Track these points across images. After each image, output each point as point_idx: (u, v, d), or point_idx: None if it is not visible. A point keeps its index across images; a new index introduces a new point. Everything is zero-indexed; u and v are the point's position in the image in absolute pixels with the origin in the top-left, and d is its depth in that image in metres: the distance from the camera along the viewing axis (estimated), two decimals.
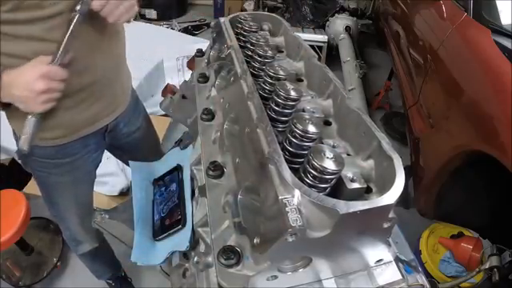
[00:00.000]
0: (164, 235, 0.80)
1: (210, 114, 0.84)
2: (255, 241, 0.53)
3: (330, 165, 0.51)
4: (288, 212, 0.47)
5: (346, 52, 3.40)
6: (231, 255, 0.55)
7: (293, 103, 0.67)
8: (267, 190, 0.53)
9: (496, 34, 1.47)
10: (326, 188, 0.54)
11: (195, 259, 0.71)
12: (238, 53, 0.84)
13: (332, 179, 0.53)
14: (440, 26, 1.90)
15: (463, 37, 1.66)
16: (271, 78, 0.73)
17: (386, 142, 0.57)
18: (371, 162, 0.60)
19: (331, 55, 3.76)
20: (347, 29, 3.69)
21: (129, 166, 1.00)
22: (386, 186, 0.53)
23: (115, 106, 1.13)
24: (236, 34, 0.96)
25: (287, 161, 0.53)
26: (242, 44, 0.93)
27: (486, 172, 1.48)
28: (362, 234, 0.53)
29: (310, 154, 0.53)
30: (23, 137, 0.88)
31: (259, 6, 4.67)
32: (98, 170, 1.25)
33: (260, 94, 0.70)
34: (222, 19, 1.02)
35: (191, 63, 1.18)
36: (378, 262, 0.60)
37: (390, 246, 0.59)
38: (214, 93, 0.91)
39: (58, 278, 1.97)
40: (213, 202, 0.67)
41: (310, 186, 0.51)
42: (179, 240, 0.75)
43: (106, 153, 1.29)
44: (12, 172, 2.10)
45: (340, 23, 3.76)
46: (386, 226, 0.52)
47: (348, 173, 0.56)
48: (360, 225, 0.50)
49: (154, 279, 1.89)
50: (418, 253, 1.91)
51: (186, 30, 4.53)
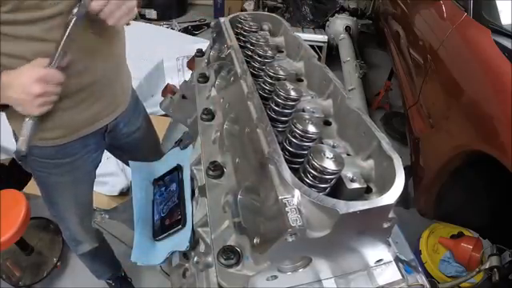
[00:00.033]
0: (164, 235, 0.80)
1: (209, 114, 0.84)
2: (255, 241, 0.53)
3: (329, 165, 0.51)
4: (288, 212, 0.47)
5: (346, 52, 3.40)
6: (231, 255, 0.55)
7: (293, 103, 0.67)
8: (267, 190, 0.53)
9: (496, 34, 1.47)
10: (326, 188, 0.54)
11: (195, 259, 0.71)
12: (238, 53, 0.84)
13: (332, 179, 0.53)
14: (440, 26, 1.90)
15: (463, 37, 1.66)
16: (271, 78, 0.73)
17: (386, 142, 0.57)
18: (371, 162, 0.60)
19: (331, 55, 3.76)
20: (347, 29, 3.69)
21: (129, 166, 1.00)
22: (385, 186, 0.53)
23: (115, 105, 1.13)
24: (236, 33, 0.96)
25: (287, 161, 0.53)
26: (242, 44, 0.92)
27: (486, 172, 1.48)
28: (362, 234, 0.53)
29: (309, 153, 0.53)
30: (21, 138, 0.88)
31: (259, 6, 4.67)
32: (98, 170, 1.25)
33: (260, 94, 0.70)
34: (222, 19, 1.02)
35: (191, 63, 1.18)
36: (378, 262, 0.60)
37: (389, 246, 0.59)
38: (214, 93, 0.91)
39: (57, 278, 1.97)
40: (213, 201, 0.67)
41: (309, 186, 0.51)
42: (179, 240, 0.75)
43: (106, 153, 1.29)
44: (12, 172, 2.10)
45: (340, 23, 3.76)
46: (385, 226, 0.52)
47: (348, 173, 0.56)
48: (360, 225, 0.50)
49: (154, 279, 1.89)
50: (418, 253, 1.91)
51: (186, 30, 4.53)
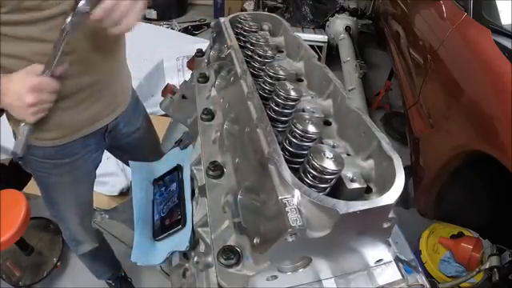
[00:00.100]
0: (164, 235, 0.79)
1: (209, 114, 0.84)
2: (255, 241, 0.53)
3: (329, 165, 0.51)
4: (288, 212, 0.47)
5: (346, 52, 3.40)
6: (231, 255, 0.55)
7: (293, 103, 0.66)
8: (267, 190, 0.53)
9: (496, 34, 1.47)
10: (326, 188, 0.54)
11: (195, 259, 0.71)
12: (238, 53, 0.84)
13: (332, 179, 0.53)
14: (440, 26, 1.90)
15: (463, 37, 1.66)
16: (271, 78, 0.73)
17: (386, 142, 0.57)
18: (371, 162, 0.60)
19: (331, 55, 3.76)
20: (347, 29, 3.69)
21: (129, 166, 1.00)
22: (385, 186, 0.53)
23: (115, 105, 1.13)
24: (236, 33, 0.96)
25: (287, 161, 0.53)
26: (242, 44, 0.92)
27: (486, 172, 1.48)
28: (362, 234, 0.53)
29: (309, 153, 0.52)
30: (17, 141, 0.89)
31: (259, 6, 4.67)
32: (98, 170, 1.25)
33: (260, 94, 0.69)
34: (221, 19, 1.02)
35: (191, 63, 1.18)
36: (378, 262, 0.60)
37: (389, 246, 0.59)
38: (214, 93, 0.91)
39: (57, 278, 1.97)
40: (213, 201, 0.67)
41: (309, 186, 0.51)
42: (179, 240, 0.75)
43: (106, 153, 1.29)
44: (12, 172, 2.10)
45: (340, 23, 3.76)
46: (385, 226, 0.52)
47: (348, 173, 0.56)
48: (360, 225, 0.50)
49: (154, 279, 1.89)
50: (418, 253, 1.91)
51: (186, 30, 4.53)
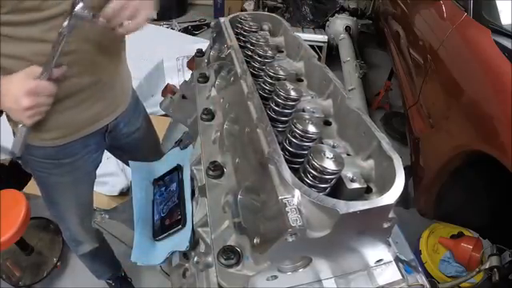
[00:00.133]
0: (164, 235, 0.79)
1: (209, 114, 0.84)
2: (255, 241, 0.53)
3: (329, 165, 0.51)
4: (288, 212, 0.47)
5: (346, 52, 3.40)
6: (231, 255, 0.55)
7: (293, 103, 0.66)
8: (267, 190, 0.53)
9: (496, 34, 1.47)
10: (326, 188, 0.54)
11: (195, 259, 0.71)
12: (238, 53, 0.84)
13: (332, 179, 0.53)
14: (440, 26, 1.90)
15: (463, 37, 1.66)
16: (271, 77, 0.73)
17: (386, 142, 0.57)
18: (371, 162, 0.60)
19: (331, 55, 3.76)
20: (347, 29, 3.69)
21: (129, 166, 1.00)
22: (386, 186, 0.53)
23: (115, 105, 1.13)
24: (236, 33, 0.96)
25: (287, 161, 0.53)
26: (242, 44, 0.92)
27: (486, 172, 1.48)
28: (362, 234, 0.53)
29: (309, 154, 0.52)
30: (14, 141, 0.89)
31: (259, 6, 4.67)
32: (98, 170, 1.25)
33: (260, 94, 0.70)
34: (222, 19, 1.02)
35: (191, 63, 1.18)
36: (378, 262, 0.60)
37: (390, 246, 0.59)
38: (214, 93, 0.91)
39: (57, 278, 1.97)
40: (213, 201, 0.67)
41: (309, 186, 0.51)
42: (179, 240, 0.75)
43: (106, 153, 1.29)
44: (12, 172, 2.10)
45: (340, 23, 3.76)
46: (385, 226, 0.52)
47: (348, 173, 0.56)
48: (360, 225, 0.50)
49: (154, 279, 1.89)
50: (418, 253, 1.91)
51: (186, 30, 4.53)
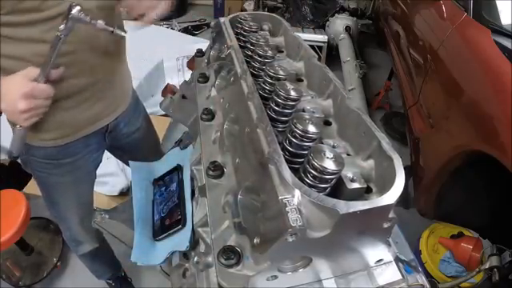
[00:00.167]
0: (164, 235, 0.79)
1: (209, 114, 0.84)
2: (255, 241, 0.53)
3: (330, 165, 0.51)
4: (288, 212, 0.47)
5: (346, 52, 3.40)
6: (231, 255, 0.55)
7: (293, 103, 0.67)
8: (267, 190, 0.53)
9: (496, 34, 1.47)
10: (326, 188, 0.54)
11: (195, 259, 0.71)
12: (238, 53, 0.84)
13: (332, 179, 0.53)
14: (440, 26, 1.90)
15: (463, 37, 1.66)
16: (271, 77, 0.73)
17: (386, 142, 0.57)
18: (371, 162, 0.60)
19: (331, 55, 3.76)
20: (347, 29, 3.69)
21: (129, 166, 1.00)
22: (386, 185, 0.53)
23: (116, 105, 1.13)
24: (236, 34, 0.96)
25: (287, 161, 0.53)
26: (242, 44, 0.92)
27: (486, 172, 1.48)
28: (362, 234, 0.53)
29: (310, 154, 0.53)
30: (12, 141, 0.89)
31: (259, 6, 4.67)
32: (98, 170, 1.25)
33: (260, 94, 0.70)
34: (222, 19, 1.02)
35: (191, 63, 1.18)
36: (378, 262, 0.60)
37: (390, 246, 0.59)
38: (213, 93, 0.91)
39: (58, 278, 1.97)
40: (213, 201, 0.67)
41: (310, 186, 0.51)
42: (179, 240, 0.75)
43: (106, 153, 1.29)
44: (12, 172, 2.10)
45: (340, 23, 3.76)
46: (386, 226, 0.52)
47: (348, 173, 0.56)
48: (360, 225, 0.50)
49: (154, 279, 1.89)
50: (418, 253, 1.91)
51: (186, 30, 4.53)
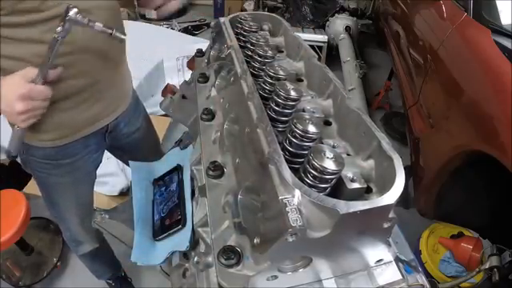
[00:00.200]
0: (164, 235, 0.79)
1: (209, 114, 0.84)
2: (255, 241, 0.53)
3: (330, 165, 0.51)
4: (288, 212, 0.47)
5: (346, 52, 3.40)
6: (231, 255, 0.55)
7: (293, 103, 0.67)
8: (267, 190, 0.53)
9: (496, 34, 1.47)
10: (326, 188, 0.54)
11: (195, 259, 0.71)
12: (238, 53, 0.84)
13: (332, 179, 0.53)
14: (440, 26, 1.90)
15: (463, 37, 1.66)
16: (271, 77, 0.73)
17: (386, 142, 0.57)
18: (371, 162, 0.60)
19: (331, 55, 3.76)
20: (347, 29, 3.69)
21: (129, 166, 1.00)
22: (386, 185, 0.53)
23: (116, 105, 1.13)
24: (236, 34, 0.96)
25: (287, 161, 0.53)
26: (242, 44, 0.92)
27: (486, 172, 1.48)
28: (362, 234, 0.53)
29: (310, 153, 0.53)
30: (12, 139, 0.88)
31: (259, 6, 4.68)
32: (98, 170, 1.25)
33: (260, 94, 0.70)
34: (222, 19, 1.02)
35: (191, 63, 1.18)
36: (378, 262, 0.60)
37: (390, 245, 0.59)
38: (213, 93, 0.91)
39: (58, 278, 1.97)
40: (213, 202, 0.67)
41: (310, 186, 0.51)
42: (179, 240, 0.75)
43: (106, 153, 1.29)
44: (12, 172, 2.10)
45: (340, 23, 3.76)
46: (386, 225, 0.52)
47: (348, 173, 0.56)
48: (360, 225, 0.50)
49: (154, 279, 1.89)
50: (418, 253, 1.91)
51: (186, 30, 4.54)
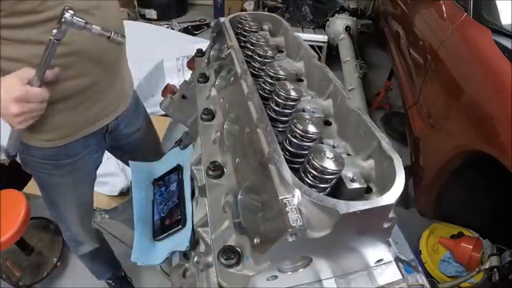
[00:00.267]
0: (164, 235, 0.79)
1: (210, 114, 0.84)
2: (255, 241, 0.53)
3: (330, 165, 0.51)
4: (288, 212, 0.47)
5: (346, 52, 3.40)
6: (231, 255, 0.55)
7: (293, 103, 0.67)
8: (267, 190, 0.53)
9: (496, 34, 1.47)
10: (326, 188, 0.54)
11: (195, 259, 0.71)
12: (238, 53, 0.84)
13: (332, 179, 0.53)
14: (440, 26, 1.90)
15: (463, 37, 1.66)
16: (271, 77, 0.73)
17: (386, 142, 0.57)
18: (371, 162, 0.60)
19: (331, 55, 3.76)
20: (347, 29, 3.70)
21: (129, 166, 1.00)
22: (386, 186, 0.53)
23: (116, 105, 1.13)
24: (236, 34, 0.96)
25: (287, 161, 0.53)
26: (242, 44, 0.92)
27: (486, 172, 1.48)
28: (362, 234, 0.53)
29: (310, 153, 0.52)
30: (10, 139, 0.88)
31: (259, 6, 4.68)
32: (98, 170, 1.25)
33: (260, 94, 0.69)
34: (222, 19, 1.02)
35: (191, 63, 1.18)
36: (378, 261, 0.60)
37: (390, 246, 0.59)
38: (214, 93, 0.91)
39: (58, 278, 1.97)
40: (213, 201, 0.67)
41: (310, 185, 0.51)
42: (179, 240, 0.75)
43: (107, 153, 1.29)
44: (12, 172, 2.10)
45: (340, 23, 3.76)
46: (386, 225, 0.52)
47: (348, 173, 0.56)
48: (360, 225, 0.50)
49: (154, 279, 1.89)
50: (418, 253, 1.91)
51: (186, 30, 4.54)
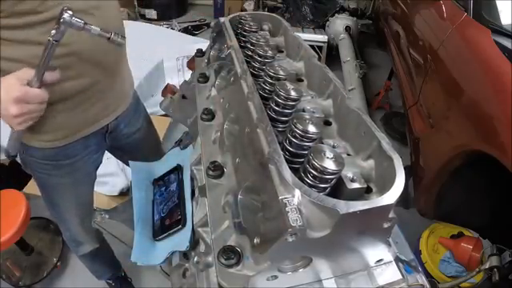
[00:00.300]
0: (164, 235, 0.79)
1: (210, 114, 0.84)
2: (255, 241, 0.53)
3: (330, 165, 0.51)
4: (288, 212, 0.47)
5: (346, 52, 3.41)
6: (231, 255, 0.55)
7: (293, 103, 0.66)
8: (267, 190, 0.53)
9: (496, 34, 1.47)
10: (326, 188, 0.54)
11: (195, 259, 0.71)
12: (238, 53, 0.84)
13: (332, 179, 0.53)
14: (440, 26, 1.90)
15: (463, 37, 1.66)
16: (271, 78, 0.73)
17: (386, 142, 0.57)
18: (371, 162, 0.60)
19: (331, 55, 3.77)
20: (347, 29, 3.70)
21: (129, 166, 1.00)
22: (386, 185, 0.53)
23: (116, 105, 1.13)
24: (236, 34, 0.96)
25: (287, 161, 0.53)
26: (242, 44, 0.92)
27: (486, 172, 1.48)
28: (362, 234, 0.53)
29: (310, 153, 0.52)
30: (10, 139, 0.88)
31: (259, 6, 4.68)
32: (98, 170, 1.25)
33: (260, 94, 0.69)
34: (222, 19, 1.02)
35: (191, 63, 1.18)
36: (378, 262, 0.60)
37: (390, 246, 0.59)
38: (214, 93, 0.91)
39: (58, 278, 1.98)
40: (213, 201, 0.67)
41: (310, 185, 0.51)
42: (179, 240, 0.75)
43: (107, 153, 1.29)
44: (12, 172, 2.10)
45: (340, 23, 3.77)
46: (386, 225, 0.52)
47: (348, 173, 0.56)
48: (360, 225, 0.50)
49: (154, 279, 1.89)
50: (418, 253, 1.91)
51: (186, 30, 4.54)
